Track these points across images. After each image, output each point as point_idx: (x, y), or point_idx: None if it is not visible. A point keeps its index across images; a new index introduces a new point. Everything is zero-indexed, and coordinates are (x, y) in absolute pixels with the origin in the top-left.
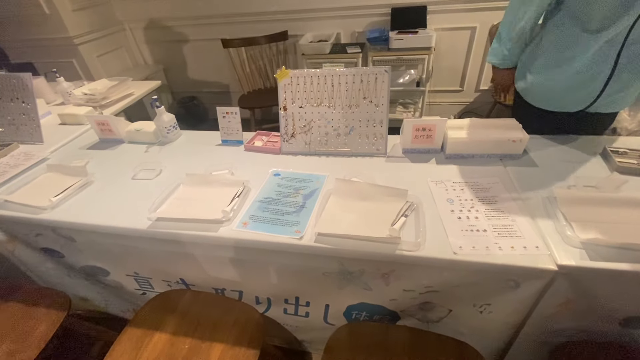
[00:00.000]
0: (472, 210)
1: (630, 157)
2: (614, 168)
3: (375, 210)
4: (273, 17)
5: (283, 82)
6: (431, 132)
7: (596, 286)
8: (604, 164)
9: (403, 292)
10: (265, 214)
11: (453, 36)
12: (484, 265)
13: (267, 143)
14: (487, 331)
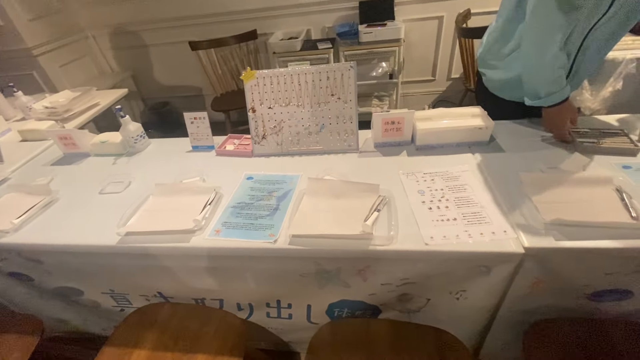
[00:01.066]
0: (442, 200)
1: (591, 137)
2: (576, 148)
3: (349, 207)
4: (241, 16)
5: (249, 84)
6: (400, 124)
7: (563, 265)
8: (568, 145)
9: (380, 286)
10: (238, 219)
11: (421, 26)
12: (454, 254)
13: (238, 146)
14: (465, 316)
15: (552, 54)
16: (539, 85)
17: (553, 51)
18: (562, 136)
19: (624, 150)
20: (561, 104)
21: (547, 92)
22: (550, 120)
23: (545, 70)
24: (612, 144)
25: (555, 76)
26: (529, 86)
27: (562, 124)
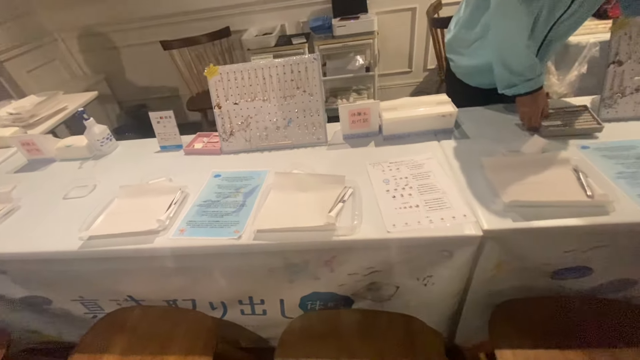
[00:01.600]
0: (406, 188)
1: (556, 118)
2: (542, 133)
3: (315, 199)
4: (213, 13)
5: (213, 80)
6: (366, 115)
7: (523, 245)
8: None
9: (348, 276)
10: (203, 217)
11: (395, 19)
12: (416, 240)
13: (207, 144)
14: (435, 302)
15: (524, 43)
16: (514, 72)
17: (524, 39)
18: (535, 125)
19: (588, 130)
20: (537, 91)
21: (523, 79)
22: (525, 109)
23: (521, 58)
24: (576, 124)
25: (531, 62)
26: (502, 75)
27: (537, 112)
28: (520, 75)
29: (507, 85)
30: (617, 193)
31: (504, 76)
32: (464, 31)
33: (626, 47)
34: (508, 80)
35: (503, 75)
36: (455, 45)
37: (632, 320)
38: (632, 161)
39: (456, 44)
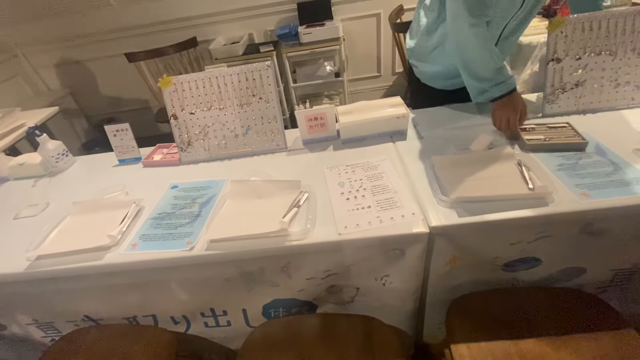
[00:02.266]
0: (360, 190)
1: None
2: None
3: (270, 205)
4: (180, 24)
5: (168, 91)
6: (323, 120)
7: (472, 240)
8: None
9: (307, 280)
10: (157, 230)
11: (361, 24)
12: (366, 240)
13: (166, 156)
14: (396, 300)
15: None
16: (482, 79)
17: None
18: (513, 130)
19: (572, 145)
20: (511, 93)
21: (492, 83)
22: (500, 112)
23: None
24: (560, 139)
25: (497, 66)
26: (471, 84)
27: (513, 116)
28: (490, 81)
29: (479, 92)
30: (557, 184)
31: (473, 85)
32: (424, 39)
33: (563, 45)
34: (478, 88)
35: (472, 84)
36: (416, 52)
37: (582, 307)
38: (572, 153)
39: (418, 52)
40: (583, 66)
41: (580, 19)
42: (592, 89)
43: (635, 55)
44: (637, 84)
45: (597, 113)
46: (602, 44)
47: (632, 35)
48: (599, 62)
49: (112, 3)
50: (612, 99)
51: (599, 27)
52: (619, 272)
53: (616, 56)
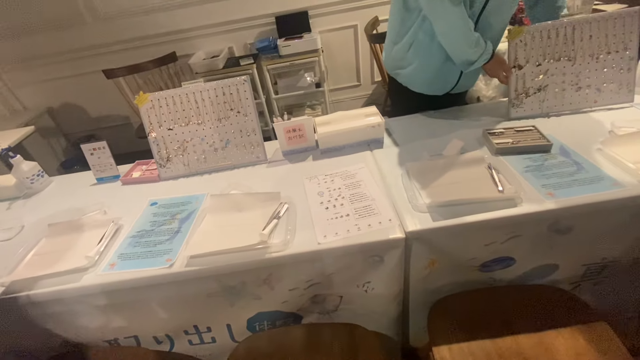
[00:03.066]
0: (338, 199)
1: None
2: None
3: (250, 218)
4: (159, 39)
5: (144, 107)
6: (301, 131)
7: (447, 242)
8: (456, 132)
9: (289, 292)
10: (136, 249)
11: (338, 36)
12: (345, 248)
13: (145, 172)
14: (379, 306)
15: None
16: (467, 53)
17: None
18: (504, 81)
19: (538, 147)
20: (492, 59)
21: (475, 55)
22: (495, 72)
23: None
24: (526, 142)
25: (474, 39)
26: (460, 58)
27: (499, 73)
28: (473, 54)
29: (468, 64)
30: (524, 186)
31: (461, 59)
32: (397, 47)
33: (523, 52)
34: (466, 60)
35: (460, 59)
36: (393, 61)
37: (557, 303)
38: (538, 155)
39: (395, 58)
40: (544, 72)
41: (538, 28)
42: (554, 93)
43: (594, 60)
44: (598, 87)
45: (562, 116)
46: (560, 50)
47: (589, 42)
48: (559, 68)
49: (88, 20)
50: (575, 101)
51: (557, 35)
52: (589, 267)
53: (575, 61)
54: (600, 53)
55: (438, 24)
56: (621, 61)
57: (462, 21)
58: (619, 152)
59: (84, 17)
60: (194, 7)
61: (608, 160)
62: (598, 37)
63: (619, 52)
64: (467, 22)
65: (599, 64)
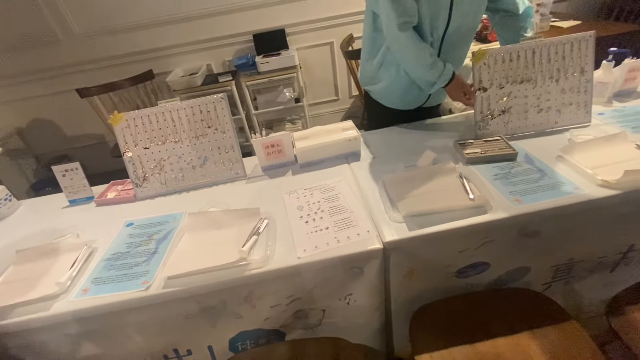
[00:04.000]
0: (318, 212)
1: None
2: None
3: (229, 236)
4: (135, 57)
5: (119, 127)
6: (280, 146)
7: (423, 251)
8: (429, 143)
9: (271, 308)
10: (110, 272)
11: (315, 52)
12: (325, 262)
13: (121, 192)
14: (362, 318)
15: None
16: (425, 74)
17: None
18: (467, 103)
19: (505, 156)
20: (452, 81)
21: (434, 76)
22: (455, 93)
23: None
24: (494, 151)
25: (428, 62)
26: (420, 80)
27: (460, 95)
28: (432, 75)
29: (429, 85)
30: (494, 193)
31: (421, 80)
32: (369, 65)
33: (487, 75)
34: (427, 82)
35: (420, 80)
36: (366, 78)
37: (530, 304)
38: (505, 163)
39: (368, 75)
40: (507, 94)
41: (500, 52)
42: (518, 115)
43: (553, 82)
44: (558, 109)
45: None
46: (522, 73)
47: (548, 65)
48: (522, 90)
49: (61, 37)
50: (537, 123)
51: (518, 58)
52: (558, 268)
53: (536, 84)
54: (559, 76)
55: (393, 48)
56: (579, 83)
57: (413, 45)
58: (578, 159)
59: (56, 35)
60: (172, 26)
61: (568, 167)
62: (556, 60)
63: (576, 75)
64: (419, 46)
65: (558, 86)
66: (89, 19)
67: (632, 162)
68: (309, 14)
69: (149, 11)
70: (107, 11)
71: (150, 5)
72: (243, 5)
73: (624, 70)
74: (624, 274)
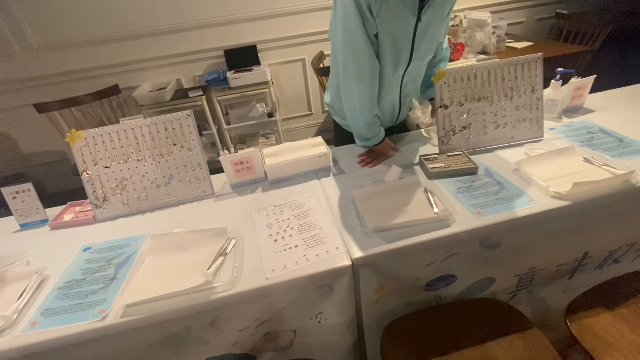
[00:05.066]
0: (287, 230)
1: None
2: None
3: (194, 258)
4: (100, 72)
5: (77, 146)
6: (249, 163)
7: (392, 266)
8: (396, 159)
9: (239, 332)
10: (63, 302)
11: (287, 69)
12: (294, 281)
13: (79, 214)
14: (334, 336)
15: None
16: (362, 131)
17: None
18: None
19: (466, 170)
20: (383, 141)
21: (370, 135)
22: (373, 156)
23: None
24: (457, 165)
25: (371, 121)
26: (356, 131)
27: (386, 154)
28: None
29: (362, 139)
30: (456, 206)
31: (356, 132)
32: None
33: (447, 93)
34: (360, 135)
35: (356, 131)
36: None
37: (495, 314)
38: (467, 177)
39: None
40: (467, 111)
41: (459, 71)
42: (478, 131)
43: (508, 100)
44: (514, 125)
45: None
46: (479, 91)
47: (502, 84)
48: (480, 107)
49: (17, 51)
50: (496, 138)
51: (475, 78)
52: (521, 277)
53: (493, 102)
54: (513, 94)
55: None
56: (530, 101)
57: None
58: (532, 172)
59: (12, 48)
60: (139, 40)
61: (524, 179)
62: (509, 79)
63: (528, 93)
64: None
65: (512, 103)
66: (50, 32)
67: (580, 174)
68: (281, 32)
69: (115, 25)
70: (70, 24)
71: (116, 19)
72: (213, 21)
73: (571, 88)
74: (582, 280)
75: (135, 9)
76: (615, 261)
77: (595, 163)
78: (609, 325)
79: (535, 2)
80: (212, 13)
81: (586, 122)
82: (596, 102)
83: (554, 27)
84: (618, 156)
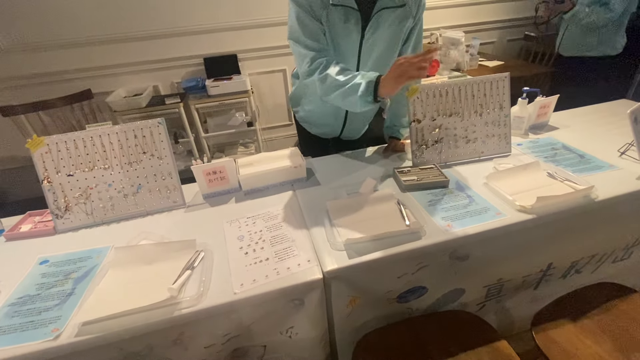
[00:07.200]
0: (259, 242)
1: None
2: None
3: (160, 272)
4: (72, 75)
5: (38, 152)
6: (222, 173)
7: (363, 279)
8: (371, 170)
9: (205, 349)
10: (14, 320)
11: (268, 78)
12: (263, 296)
13: (38, 224)
14: (305, 351)
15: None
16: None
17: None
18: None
19: (438, 183)
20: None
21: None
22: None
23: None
24: (429, 178)
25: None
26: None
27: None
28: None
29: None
30: (427, 219)
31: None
32: (300, 86)
33: (420, 108)
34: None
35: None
36: (295, 97)
37: (464, 326)
38: (439, 190)
39: (296, 96)
40: (439, 126)
41: (431, 87)
42: (449, 145)
43: (478, 116)
44: (483, 140)
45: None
46: (451, 107)
47: (472, 100)
48: (451, 122)
49: None
50: (467, 152)
51: (447, 94)
52: (490, 288)
53: (463, 117)
54: (482, 110)
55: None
56: (499, 117)
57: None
58: (500, 186)
59: None
60: (115, 45)
61: (492, 193)
62: (479, 96)
63: (496, 110)
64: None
65: (482, 119)
66: (18, 33)
67: (544, 188)
68: (262, 42)
69: (90, 28)
70: (39, 26)
71: (93, 22)
72: (194, 29)
73: (536, 106)
74: (546, 290)
75: (112, 13)
76: (577, 272)
77: (558, 178)
78: (573, 337)
79: (505, 24)
80: (192, 20)
81: (550, 139)
82: (560, 120)
83: (523, 47)
84: (579, 172)
